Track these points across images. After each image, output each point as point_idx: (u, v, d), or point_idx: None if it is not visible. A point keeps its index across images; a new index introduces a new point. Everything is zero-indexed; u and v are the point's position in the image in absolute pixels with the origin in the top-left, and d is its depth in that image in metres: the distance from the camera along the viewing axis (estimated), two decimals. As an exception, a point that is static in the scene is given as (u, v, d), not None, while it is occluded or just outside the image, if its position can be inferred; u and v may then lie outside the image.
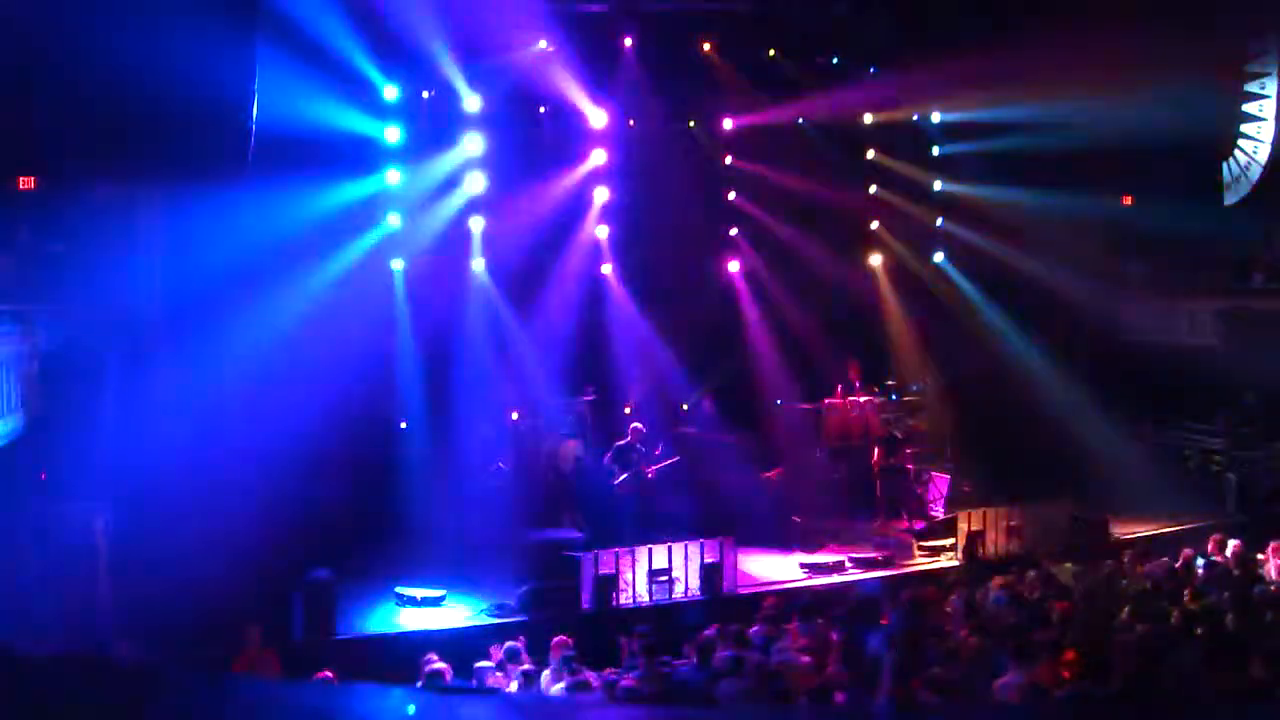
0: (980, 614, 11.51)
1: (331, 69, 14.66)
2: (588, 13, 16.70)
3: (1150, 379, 18.23)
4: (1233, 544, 13.48)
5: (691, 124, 18.54)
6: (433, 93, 16.28)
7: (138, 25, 11.30)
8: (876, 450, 17.00)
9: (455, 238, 16.69)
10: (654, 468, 15.74)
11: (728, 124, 18.34)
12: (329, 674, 10.16)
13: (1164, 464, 17.77)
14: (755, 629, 11.32)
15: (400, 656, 11.29)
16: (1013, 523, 15.41)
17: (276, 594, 12.41)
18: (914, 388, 18.69)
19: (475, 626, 12.93)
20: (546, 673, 10.51)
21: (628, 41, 17.23)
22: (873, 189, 19.65)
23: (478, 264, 16.84)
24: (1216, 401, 18.51)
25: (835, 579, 14.71)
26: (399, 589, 13.57)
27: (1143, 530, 16.13)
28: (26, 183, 13.24)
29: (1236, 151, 19.64)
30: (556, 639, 10.91)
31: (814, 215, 18.69)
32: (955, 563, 15.07)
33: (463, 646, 11.40)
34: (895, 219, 19.71)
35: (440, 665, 10.15)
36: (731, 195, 18.85)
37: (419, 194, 16.25)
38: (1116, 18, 16.25)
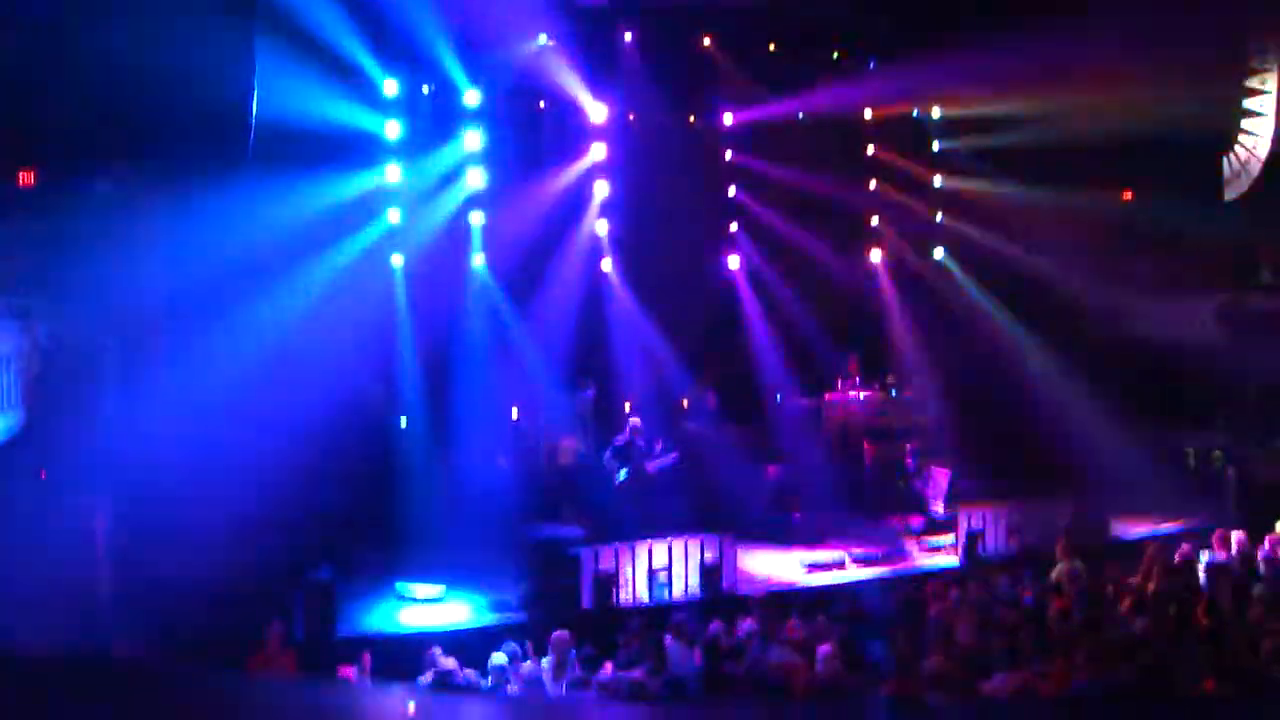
0: (980, 612, 11.51)
1: (331, 63, 14.62)
2: (588, 7, 16.65)
3: (1150, 376, 18.21)
4: (1236, 537, 13.50)
5: (692, 119, 18.50)
6: (433, 87, 16.24)
7: (138, 19, 11.28)
8: (866, 444, 17.02)
9: (455, 233, 16.67)
10: (654, 464, 15.72)
11: (728, 119, 18.30)
12: (348, 672, 10.23)
13: (1164, 461, 17.75)
14: (750, 625, 11.35)
15: (401, 655, 11.29)
16: (1013, 520, 15.42)
17: (277, 592, 12.41)
18: (914, 384, 18.68)
19: (475, 624, 12.95)
20: (545, 662, 10.56)
21: (628, 36, 17.20)
22: (873, 184, 19.65)
23: (478, 259, 16.82)
24: (1217, 399, 18.51)
25: (836, 576, 14.72)
26: (399, 587, 13.58)
27: (1143, 528, 16.14)
28: (26, 178, 13.21)
29: (1237, 147, 19.62)
30: (557, 634, 10.95)
31: (814, 211, 18.69)
32: (955, 561, 15.08)
33: (463, 644, 11.42)
34: (895, 214, 19.74)
35: (450, 663, 10.17)
36: (732, 190, 18.83)
37: (419, 189, 16.21)
38: (1117, 12, 16.23)
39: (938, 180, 19.74)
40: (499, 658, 10.46)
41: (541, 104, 17.16)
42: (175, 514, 12.02)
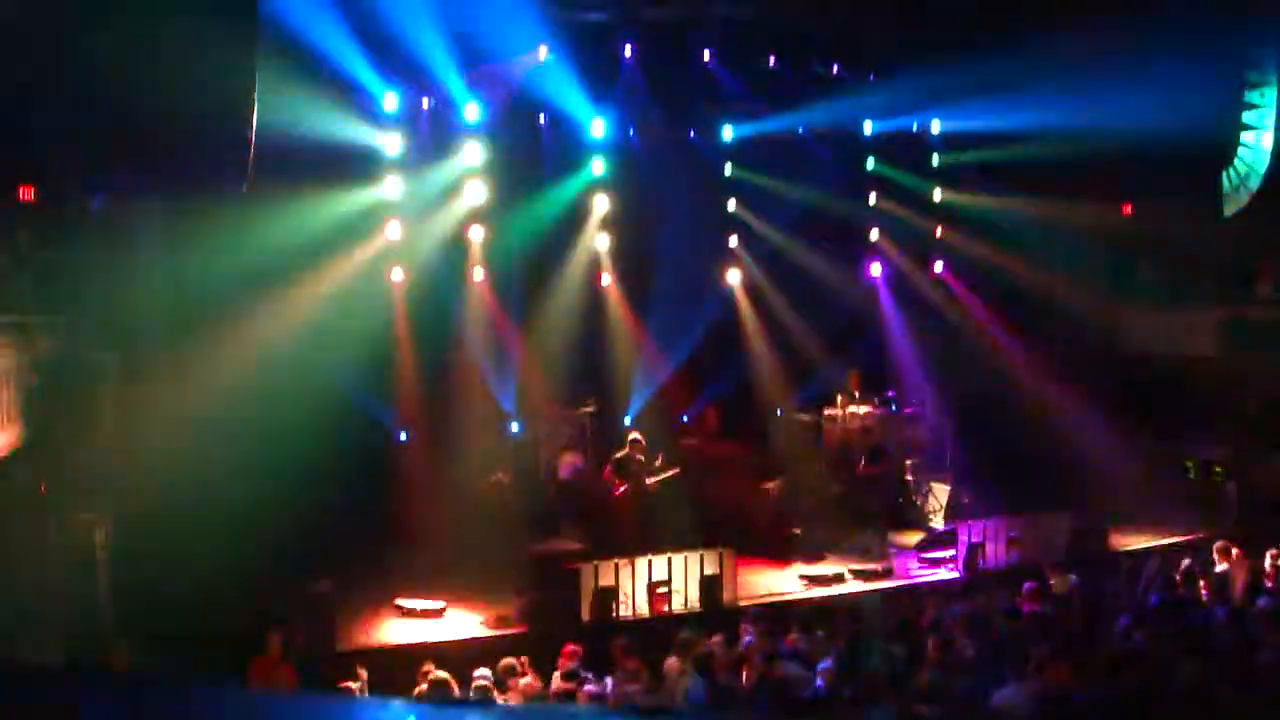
0: (980, 625, 11.50)
1: (331, 77, 14.66)
2: (588, 21, 16.67)
3: (1150, 389, 18.21)
4: (1236, 551, 13.50)
5: (691, 133, 18.51)
6: (433, 101, 16.27)
7: (138, 34, 11.30)
8: (866, 459, 17.02)
9: (455, 247, 16.68)
10: (653, 478, 15.72)
11: (728, 133, 18.32)
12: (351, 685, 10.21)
13: (1164, 474, 17.74)
14: (750, 638, 11.33)
15: (400, 668, 11.27)
16: (1013, 534, 15.40)
17: (277, 605, 12.39)
18: (913, 398, 18.67)
19: (475, 638, 12.93)
20: (556, 676, 10.57)
21: (628, 50, 17.22)
22: (873, 198, 19.64)
23: (477, 273, 16.83)
24: (1217, 411, 18.50)
25: (835, 590, 14.69)
26: (399, 601, 13.56)
27: (1143, 541, 16.12)
28: (26, 193, 13.23)
29: (1236, 160, 19.62)
30: (567, 648, 10.96)
31: (814, 225, 18.70)
32: (955, 574, 15.05)
33: (462, 658, 11.40)
34: (895, 228, 19.72)
35: (443, 675, 10.15)
36: (731, 204, 18.83)
37: (419, 203, 16.23)
38: (1117, 25, 16.26)
39: (937, 194, 19.73)
40: (484, 671, 10.45)
41: (541, 118, 17.18)
42: (174, 528, 12.02)
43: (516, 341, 16.77)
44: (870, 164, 19.55)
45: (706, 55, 17.83)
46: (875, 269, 19.71)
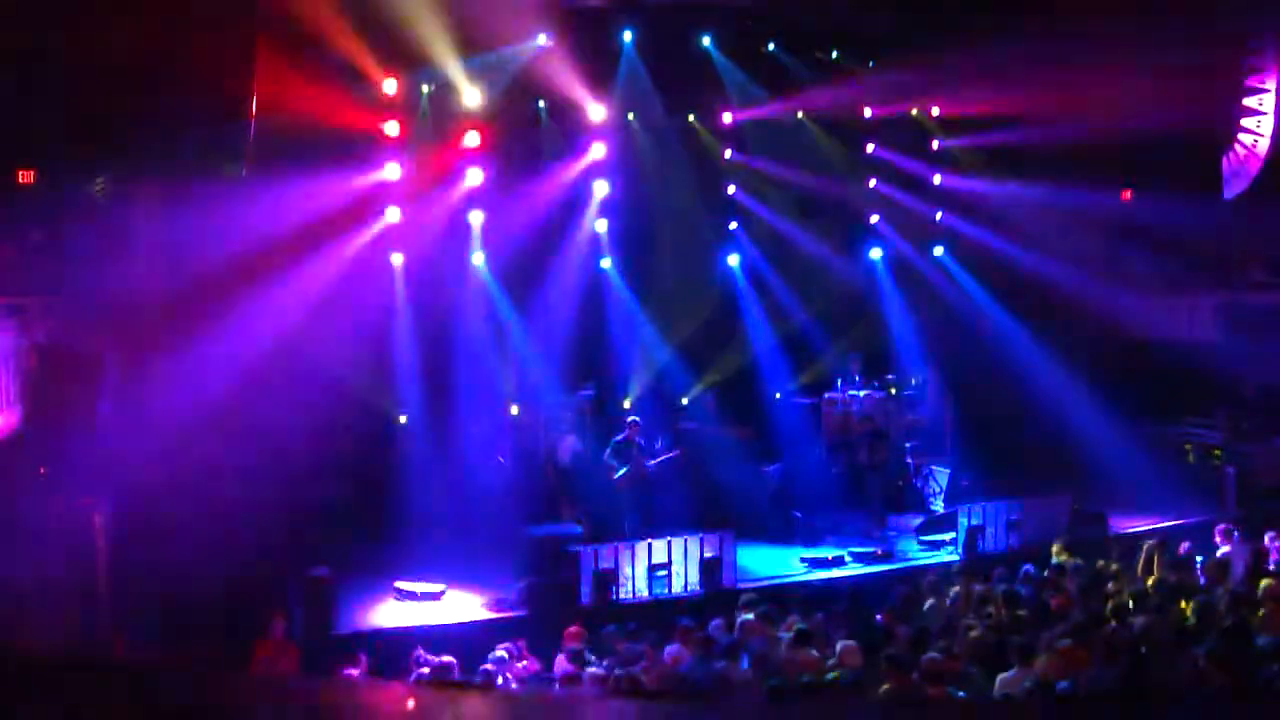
0: (980, 608, 11.52)
1: (332, 62, 14.62)
2: (587, 6, 16.63)
3: (1150, 373, 18.21)
4: (1235, 534, 13.55)
5: (691, 118, 18.46)
6: (432, 87, 16.23)
7: (139, 17, 11.30)
8: (866, 443, 17.03)
9: (455, 232, 16.66)
10: (653, 462, 15.74)
11: (727, 118, 18.26)
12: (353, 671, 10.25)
13: (1163, 458, 17.76)
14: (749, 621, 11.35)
15: (399, 652, 11.30)
16: (1013, 517, 15.43)
17: (276, 589, 12.42)
18: (914, 382, 18.67)
19: (474, 622, 12.96)
20: (560, 658, 10.62)
21: (627, 35, 17.18)
22: (872, 183, 19.59)
23: (477, 258, 16.80)
24: (1216, 396, 18.51)
25: (835, 573, 14.73)
26: (398, 584, 13.58)
27: (1142, 525, 16.14)
28: (26, 176, 13.22)
29: (1236, 145, 19.60)
30: (570, 630, 11.00)
31: (814, 209, 18.68)
32: (955, 557, 15.07)
33: (462, 642, 11.44)
34: (895, 213, 19.66)
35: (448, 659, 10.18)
36: (731, 189, 18.80)
37: (419, 188, 16.20)
38: (1117, 11, 16.24)
39: (937, 178, 19.68)
40: (498, 655, 10.48)
41: (541, 103, 17.13)
42: (174, 511, 12.03)
43: (516, 325, 16.74)
44: (870, 148, 19.47)
45: (705, 40, 17.79)
46: (875, 253, 19.66)
